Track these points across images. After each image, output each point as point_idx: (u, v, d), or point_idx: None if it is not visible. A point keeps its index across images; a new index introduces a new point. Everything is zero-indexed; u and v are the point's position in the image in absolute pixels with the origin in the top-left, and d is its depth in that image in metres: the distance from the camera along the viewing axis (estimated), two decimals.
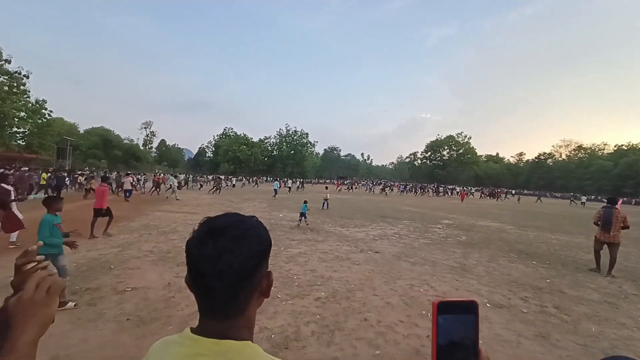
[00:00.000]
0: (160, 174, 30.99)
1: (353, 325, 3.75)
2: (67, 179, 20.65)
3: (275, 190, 24.86)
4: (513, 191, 58.34)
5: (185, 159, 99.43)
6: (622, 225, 6.89)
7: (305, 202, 11.56)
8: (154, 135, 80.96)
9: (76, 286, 4.46)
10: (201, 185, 33.35)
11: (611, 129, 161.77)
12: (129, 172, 28.54)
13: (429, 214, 17.41)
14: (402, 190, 44.77)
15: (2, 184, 6.81)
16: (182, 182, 28.98)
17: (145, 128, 79.99)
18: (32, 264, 0.69)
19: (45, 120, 37.22)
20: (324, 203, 17.04)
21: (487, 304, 4.69)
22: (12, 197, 6.90)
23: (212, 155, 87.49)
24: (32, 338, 0.56)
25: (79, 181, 22.91)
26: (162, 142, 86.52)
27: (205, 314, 0.61)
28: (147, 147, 79.70)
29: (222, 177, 41.72)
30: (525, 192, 57.46)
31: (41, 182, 18.04)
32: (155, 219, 10.97)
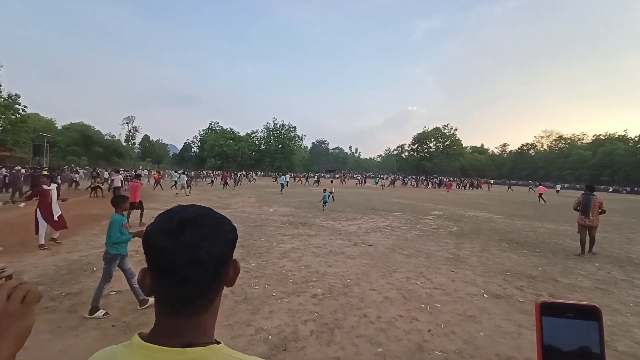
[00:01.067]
0: (158, 171, 30.47)
1: (352, 322, 3.63)
2: (58, 177, 19.68)
3: (282, 185, 24.51)
4: (492, 181, 59.97)
5: (170, 154, 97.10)
6: (599, 210, 7.45)
7: (325, 190, 14.94)
8: (136, 130, 78.71)
9: (55, 291, 4.17)
10: (212, 181, 32.97)
11: (590, 119, 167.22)
12: (120, 169, 28.11)
13: (418, 206, 17.52)
14: (405, 183, 46.88)
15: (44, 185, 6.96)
16: (193, 178, 29.10)
17: (127, 123, 77.66)
18: None
19: (19, 115, 35.47)
20: (329, 196, 15.43)
21: (485, 295, 4.67)
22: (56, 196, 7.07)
23: (198, 151, 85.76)
24: (8, 353, 0.52)
25: (74, 179, 22.09)
26: (146, 137, 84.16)
27: (168, 313, 0.55)
28: (129, 143, 77.43)
29: (242, 172, 40.98)
30: (511, 182, 58.78)
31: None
32: (138, 217, 10.55)
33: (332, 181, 22.12)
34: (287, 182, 27.97)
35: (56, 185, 7.32)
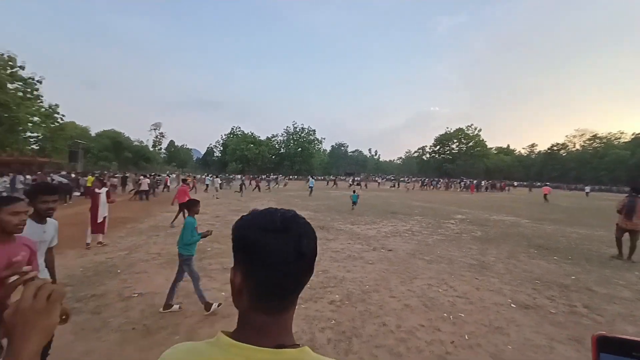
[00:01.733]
0: (193, 176, 31.87)
1: (371, 331, 3.52)
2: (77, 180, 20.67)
3: (311, 188, 24.93)
4: (515, 183, 57.47)
5: (194, 159, 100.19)
6: None
7: (354, 191, 16.62)
8: (163, 136, 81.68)
9: (81, 292, 4.33)
10: (243, 184, 33.10)
11: (629, 116, 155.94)
12: (151, 173, 29.48)
13: (440, 209, 17.01)
14: (434, 185, 46.65)
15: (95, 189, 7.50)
16: (224, 183, 30.55)
17: (154, 129, 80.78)
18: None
19: (57, 124, 37.78)
20: (357, 197, 15.86)
21: (512, 305, 4.41)
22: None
23: (220, 155, 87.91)
24: (35, 348, 0.56)
25: (111, 184, 22.87)
26: (171, 142, 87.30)
27: (263, 309, 0.58)
28: (156, 149, 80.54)
29: (269, 175, 41.31)
30: (538, 184, 55.93)
31: (87, 184, 17.86)
32: (164, 220, 10.91)
33: (359, 185, 23.45)
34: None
35: (106, 189, 7.77)
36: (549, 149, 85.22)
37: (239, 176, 48.32)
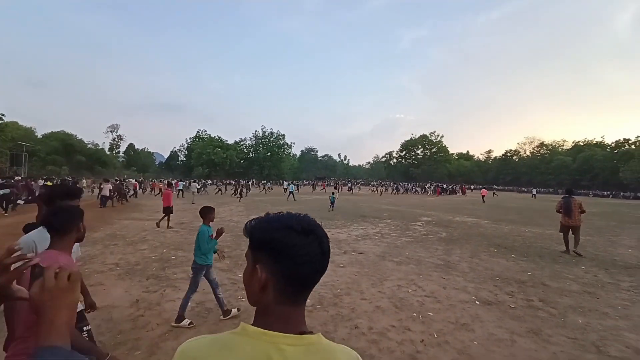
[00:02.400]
0: (161, 180, 30.45)
1: (343, 335, 3.50)
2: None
3: (292, 193, 24.77)
4: (472, 186, 61.92)
5: (157, 163, 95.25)
6: (580, 210, 8.07)
7: (333, 193, 19.29)
8: (121, 139, 77.00)
9: None
10: (219, 190, 32.09)
11: (570, 125, 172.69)
12: (117, 178, 27.88)
13: (407, 212, 17.58)
14: (405, 190, 49.00)
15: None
16: (201, 188, 29.73)
17: (111, 132, 75.90)
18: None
19: None
20: (335, 199, 18.17)
21: (476, 302, 4.61)
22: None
23: (184, 159, 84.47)
24: (66, 319, 0.65)
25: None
26: (130, 145, 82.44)
27: (289, 303, 0.65)
28: (114, 152, 75.63)
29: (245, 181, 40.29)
30: (495, 187, 59.99)
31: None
32: (123, 228, 10.20)
33: (335, 188, 24.56)
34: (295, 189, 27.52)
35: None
36: (503, 155, 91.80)
37: (209, 181, 46.67)
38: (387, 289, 5.01)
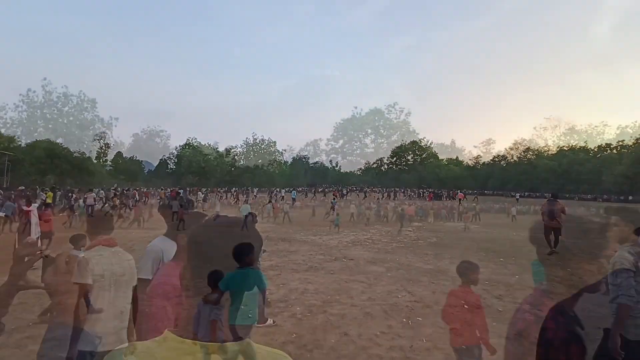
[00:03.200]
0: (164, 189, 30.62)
1: (333, 342, 3.47)
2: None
3: (294, 199, 24.80)
4: (459, 191, 62.98)
5: (145, 171, 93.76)
6: (561, 213, 8.41)
7: (334, 198, 21.04)
8: (108, 147, 75.73)
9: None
10: (220, 198, 31.01)
11: (554, 130, 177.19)
12: (111, 187, 27.72)
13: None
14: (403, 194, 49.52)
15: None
16: (207, 197, 29.80)
17: (98, 140, 74.61)
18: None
19: None
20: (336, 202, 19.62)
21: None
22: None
23: (174, 167, 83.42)
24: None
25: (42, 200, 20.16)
26: (119, 154, 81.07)
27: None
28: (101, 160, 74.24)
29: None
30: (485, 192, 60.85)
31: (47, 200, 15.76)
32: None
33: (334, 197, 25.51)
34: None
35: (36, 205, 7.31)
36: (492, 160, 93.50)
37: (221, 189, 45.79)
38: (377, 295, 5.01)
